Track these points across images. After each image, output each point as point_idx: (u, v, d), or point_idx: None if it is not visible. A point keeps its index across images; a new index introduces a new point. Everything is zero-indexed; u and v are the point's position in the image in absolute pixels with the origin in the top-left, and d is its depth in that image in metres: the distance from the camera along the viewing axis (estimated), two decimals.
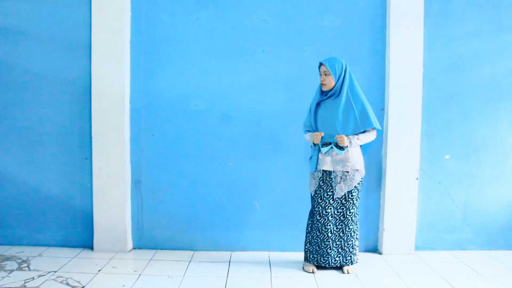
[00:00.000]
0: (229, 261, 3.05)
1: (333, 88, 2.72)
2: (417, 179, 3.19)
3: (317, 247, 2.83)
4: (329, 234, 2.79)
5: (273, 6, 3.19)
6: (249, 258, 3.11)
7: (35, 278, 2.68)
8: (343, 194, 2.75)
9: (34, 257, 3.06)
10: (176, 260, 3.05)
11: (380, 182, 3.26)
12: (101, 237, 3.19)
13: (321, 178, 2.78)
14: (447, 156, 3.28)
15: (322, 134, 2.71)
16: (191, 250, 3.26)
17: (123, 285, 2.60)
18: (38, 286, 2.56)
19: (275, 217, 3.25)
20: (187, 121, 3.22)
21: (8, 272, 2.77)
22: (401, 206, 3.18)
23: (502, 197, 3.31)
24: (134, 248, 3.29)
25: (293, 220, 3.24)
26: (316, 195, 2.80)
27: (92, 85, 3.13)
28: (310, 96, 3.19)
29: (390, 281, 2.72)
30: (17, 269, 2.82)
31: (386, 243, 3.20)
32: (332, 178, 2.75)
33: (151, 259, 3.06)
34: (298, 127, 3.19)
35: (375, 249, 3.30)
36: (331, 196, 2.77)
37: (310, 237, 2.86)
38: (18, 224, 3.29)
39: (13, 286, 2.54)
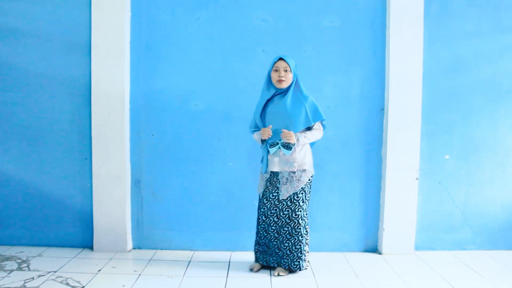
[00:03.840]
0: (229, 261, 3.05)
1: (288, 85, 2.68)
2: (417, 179, 3.19)
3: (265, 247, 2.80)
4: (276, 235, 2.74)
5: (273, 6, 3.19)
6: (249, 258, 3.10)
7: (35, 278, 2.68)
8: (288, 195, 2.67)
9: (34, 257, 3.06)
10: (176, 260, 3.05)
11: (380, 182, 3.26)
12: (101, 237, 3.19)
13: (268, 179, 2.74)
14: (447, 156, 3.28)
15: (270, 127, 2.62)
16: (191, 250, 3.26)
17: (123, 285, 2.60)
18: (38, 286, 2.55)
19: None
20: (187, 121, 3.22)
21: (8, 272, 2.77)
22: (401, 206, 3.18)
23: (502, 197, 3.31)
24: (134, 248, 3.29)
25: None
26: (263, 196, 2.76)
27: (92, 85, 3.13)
28: (311, 96, 3.19)
29: (390, 281, 2.72)
30: (17, 269, 2.82)
31: (386, 243, 3.20)
32: (278, 179, 2.70)
33: (151, 259, 3.06)
34: None
35: (375, 249, 3.30)
36: (276, 198, 2.70)
37: (258, 237, 2.82)
38: (18, 224, 3.29)
39: (13, 286, 2.54)
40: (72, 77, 3.20)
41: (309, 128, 2.74)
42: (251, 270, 2.84)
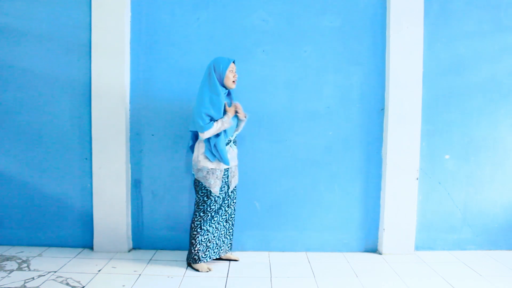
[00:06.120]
0: (229, 261, 3.05)
1: None
2: (417, 179, 3.19)
3: (217, 241, 2.93)
4: (226, 225, 2.97)
5: (273, 6, 3.19)
6: (249, 258, 3.10)
7: (35, 278, 2.68)
8: (234, 186, 2.95)
9: (34, 257, 3.06)
10: (176, 260, 3.05)
11: (380, 182, 3.26)
12: (101, 237, 3.19)
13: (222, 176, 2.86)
14: (447, 156, 3.28)
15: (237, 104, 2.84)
16: None
17: (123, 285, 2.60)
18: (38, 286, 2.56)
19: (275, 217, 3.25)
20: (187, 121, 3.21)
21: (8, 272, 2.77)
22: (401, 206, 3.18)
23: (502, 197, 3.31)
24: (134, 248, 3.29)
25: (293, 220, 3.24)
26: (221, 193, 2.86)
27: (92, 85, 3.13)
28: (311, 96, 3.21)
29: (390, 281, 2.72)
30: (17, 269, 2.82)
31: (386, 243, 3.20)
32: (227, 174, 2.87)
33: (151, 259, 3.06)
34: (299, 127, 3.21)
35: (375, 249, 3.30)
36: (226, 192, 2.90)
37: (206, 236, 2.84)
38: (18, 224, 3.29)
39: (13, 286, 2.54)
40: (72, 77, 3.20)
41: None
42: (203, 271, 2.82)
